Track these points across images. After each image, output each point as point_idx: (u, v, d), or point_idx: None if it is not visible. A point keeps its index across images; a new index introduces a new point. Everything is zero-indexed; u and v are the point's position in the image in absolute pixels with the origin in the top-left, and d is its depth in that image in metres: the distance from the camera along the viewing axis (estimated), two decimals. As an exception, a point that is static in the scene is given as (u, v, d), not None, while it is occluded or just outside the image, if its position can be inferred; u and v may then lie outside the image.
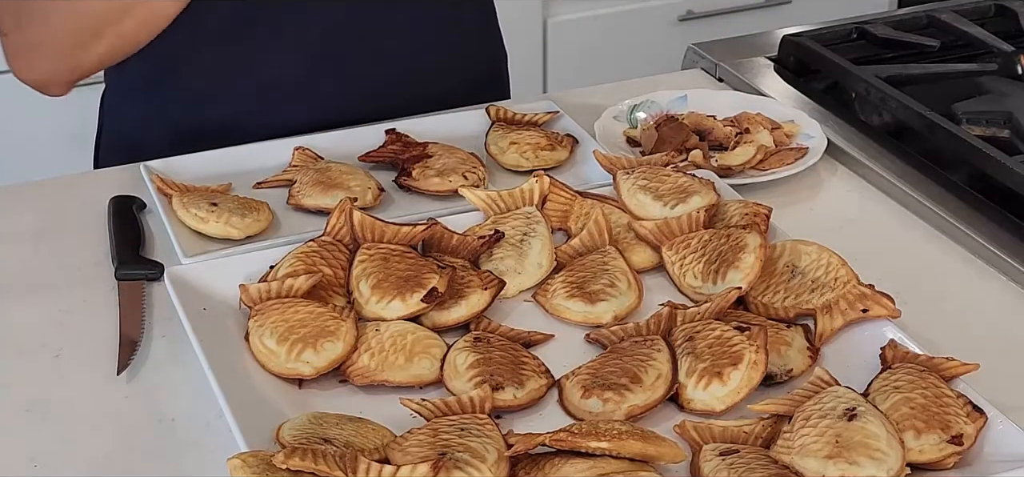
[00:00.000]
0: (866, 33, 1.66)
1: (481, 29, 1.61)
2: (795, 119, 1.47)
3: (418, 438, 0.98)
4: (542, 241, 1.21)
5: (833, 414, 0.98)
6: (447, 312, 1.14)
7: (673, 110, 1.49)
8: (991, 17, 1.72)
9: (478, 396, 1.01)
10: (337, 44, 1.48)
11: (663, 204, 1.25)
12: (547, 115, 1.44)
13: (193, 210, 1.25)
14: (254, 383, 1.07)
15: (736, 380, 1.04)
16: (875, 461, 0.94)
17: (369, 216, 1.19)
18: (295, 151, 1.38)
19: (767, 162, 1.40)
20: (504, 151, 1.39)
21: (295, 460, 0.92)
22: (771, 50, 1.66)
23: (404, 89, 1.51)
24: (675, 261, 1.20)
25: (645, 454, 0.96)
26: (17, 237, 1.31)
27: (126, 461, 1.03)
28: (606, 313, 1.15)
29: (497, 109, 1.44)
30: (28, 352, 1.15)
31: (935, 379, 1.04)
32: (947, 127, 1.41)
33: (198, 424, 1.06)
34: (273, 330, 1.09)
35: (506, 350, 1.09)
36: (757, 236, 1.17)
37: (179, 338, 1.12)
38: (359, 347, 1.09)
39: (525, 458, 0.97)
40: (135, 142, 1.47)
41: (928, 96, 1.46)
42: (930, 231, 1.32)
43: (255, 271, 1.18)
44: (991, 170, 1.35)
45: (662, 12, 2.94)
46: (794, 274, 1.17)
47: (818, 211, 1.36)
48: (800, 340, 1.11)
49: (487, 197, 1.26)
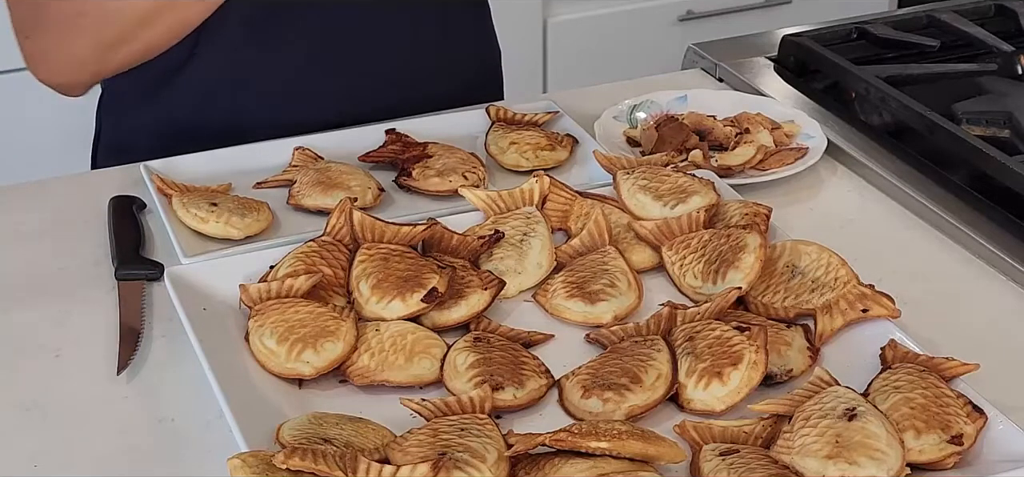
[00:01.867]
0: (866, 33, 1.66)
1: (477, 29, 1.61)
2: (795, 119, 1.47)
3: (418, 438, 0.98)
4: (542, 241, 1.21)
5: (833, 414, 0.98)
6: (447, 312, 1.14)
7: (673, 110, 1.49)
8: (991, 17, 1.72)
9: (478, 396, 1.01)
10: (335, 44, 1.48)
11: (663, 204, 1.25)
12: (547, 115, 1.44)
13: (193, 210, 1.25)
14: (254, 383, 1.07)
15: (736, 380, 1.04)
16: (875, 461, 0.94)
17: (369, 216, 1.19)
18: (295, 151, 1.38)
19: (767, 162, 1.40)
20: (504, 151, 1.39)
21: (295, 460, 0.92)
22: (771, 50, 1.66)
23: (402, 89, 1.51)
24: (675, 261, 1.20)
25: (645, 454, 0.96)
26: (17, 237, 1.31)
27: (126, 461, 1.03)
28: (606, 313, 1.15)
29: (497, 109, 1.44)
30: (28, 352, 1.15)
31: (935, 379, 1.04)
32: (947, 127, 1.41)
33: (198, 424, 1.06)
34: (273, 330, 1.09)
35: (506, 350, 1.09)
36: (757, 236, 1.17)
37: (179, 338, 1.12)
38: (359, 347, 1.09)
39: (525, 458, 0.97)
40: (133, 146, 1.47)
41: (928, 96, 1.46)
42: (930, 231, 1.32)
43: (255, 271, 1.18)
44: (991, 170, 1.35)
45: (662, 12, 2.94)
46: (794, 274, 1.17)
47: (818, 211, 1.36)
48: (800, 340, 1.11)
49: (487, 197, 1.26)
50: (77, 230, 1.31)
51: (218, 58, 1.46)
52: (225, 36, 1.44)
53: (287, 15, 1.45)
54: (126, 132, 1.53)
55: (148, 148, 1.42)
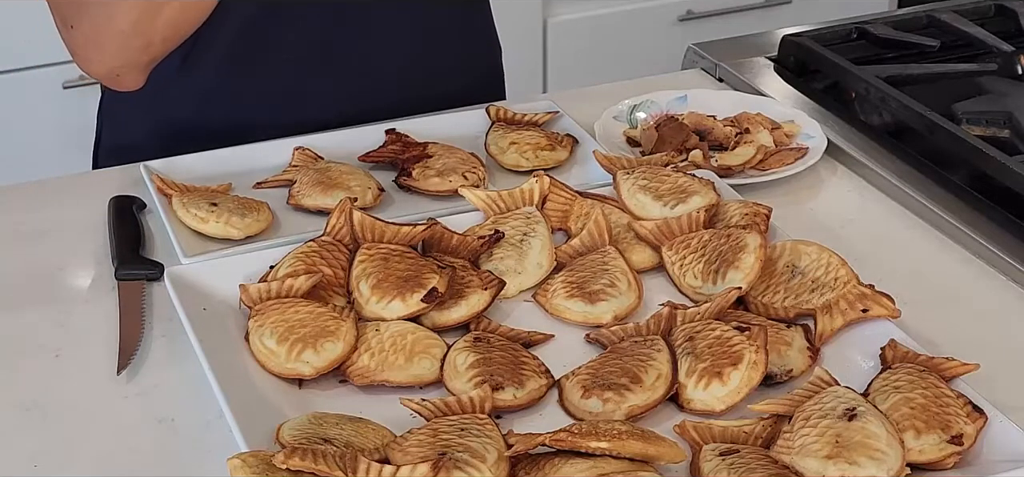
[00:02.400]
0: (866, 33, 1.66)
1: (477, 28, 1.61)
2: (795, 119, 1.47)
3: (418, 438, 0.98)
4: (542, 241, 1.21)
5: (833, 414, 0.98)
6: (447, 312, 1.14)
7: (673, 110, 1.49)
8: (991, 17, 1.72)
9: (478, 396, 1.01)
10: (336, 44, 1.48)
11: (663, 204, 1.25)
12: (547, 115, 1.44)
13: (193, 210, 1.25)
14: (254, 383, 1.07)
15: (736, 380, 1.04)
16: (875, 461, 0.94)
17: (369, 216, 1.19)
18: (295, 151, 1.38)
19: (767, 162, 1.40)
20: (504, 151, 1.39)
21: (295, 460, 0.92)
22: (771, 50, 1.66)
23: (402, 89, 1.51)
24: (675, 261, 1.20)
25: (645, 454, 0.96)
26: (17, 237, 1.31)
27: (126, 461, 1.03)
28: (606, 313, 1.15)
29: (497, 109, 1.44)
30: (28, 352, 1.15)
31: (935, 379, 1.04)
32: (947, 127, 1.41)
33: (198, 424, 1.06)
34: (273, 330, 1.09)
35: (506, 350, 1.09)
36: (757, 236, 1.17)
37: (179, 338, 1.12)
38: (359, 347, 1.09)
39: (525, 458, 0.97)
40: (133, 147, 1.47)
41: (928, 96, 1.46)
42: (930, 231, 1.32)
43: (255, 271, 1.18)
44: (991, 170, 1.35)
45: (662, 12, 2.94)
46: (794, 274, 1.17)
47: (818, 211, 1.36)
48: (800, 340, 1.11)
49: (487, 197, 1.26)
50: (77, 230, 1.31)
51: (218, 58, 1.45)
52: (225, 36, 1.44)
53: (287, 15, 1.45)
54: (126, 133, 1.53)
55: (149, 148, 1.42)
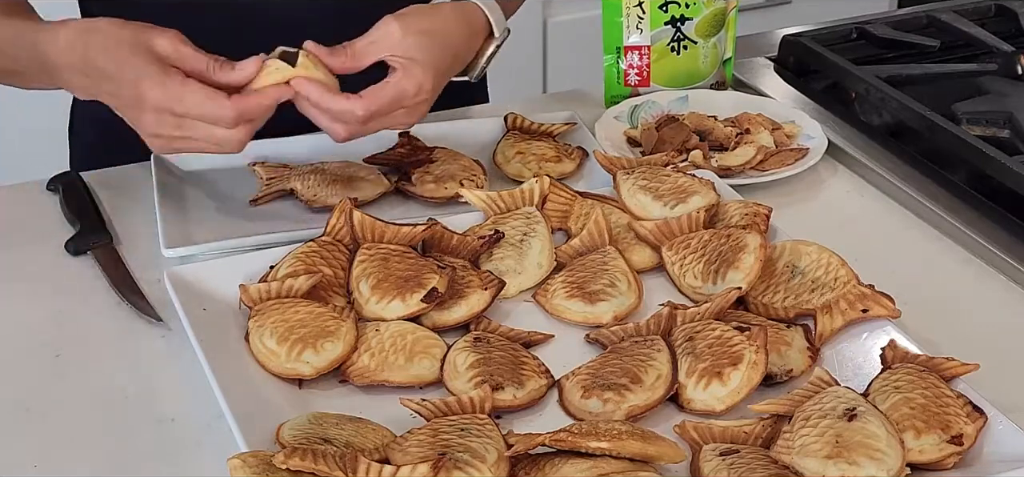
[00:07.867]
0: (866, 33, 1.66)
1: None
2: (795, 119, 1.47)
3: (418, 438, 0.98)
4: (542, 241, 1.21)
5: (833, 414, 0.98)
6: (447, 312, 1.14)
7: (673, 110, 1.49)
8: (991, 17, 1.72)
9: (478, 396, 1.01)
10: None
11: (663, 204, 1.25)
12: (565, 127, 1.43)
13: None
14: (254, 383, 1.07)
15: (736, 380, 1.04)
16: (875, 461, 0.94)
17: (369, 216, 1.19)
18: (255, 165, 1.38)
19: (767, 162, 1.40)
20: (509, 160, 1.38)
21: (295, 460, 0.92)
22: (771, 50, 1.66)
23: None
24: (675, 261, 1.20)
25: (645, 454, 0.96)
26: (16, 237, 1.31)
27: (126, 461, 1.03)
28: (606, 313, 1.15)
29: (514, 117, 1.43)
30: (28, 352, 1.15)
31: (935, 379, 1.04)
32: (947, 127, 1.41)
33: (198, 424, 1.06)
34: (273, 330, 1.09)
35: (506, 350, 1.09)
36: (757, 236, 1.17)
37: (179, 338, 1.12)
38: (359, 347, 1.09)
39: (525, 458, 0.97)
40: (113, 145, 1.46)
41: (928, 96, 1.46)
42: (930, 231, 1.32)
43: (255, 271, 1.18)
44: (991, 170, 1.35)
45: (662, 12, 2.94)
46: (794, 274, 1.17)
47: (818, 211, 1.36)
48: (800, 340, 1.11)
49: (487, 197, 1.26)
50: (77, 230, 1.31)
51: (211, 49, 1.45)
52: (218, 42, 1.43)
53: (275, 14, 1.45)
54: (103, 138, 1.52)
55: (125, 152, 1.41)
